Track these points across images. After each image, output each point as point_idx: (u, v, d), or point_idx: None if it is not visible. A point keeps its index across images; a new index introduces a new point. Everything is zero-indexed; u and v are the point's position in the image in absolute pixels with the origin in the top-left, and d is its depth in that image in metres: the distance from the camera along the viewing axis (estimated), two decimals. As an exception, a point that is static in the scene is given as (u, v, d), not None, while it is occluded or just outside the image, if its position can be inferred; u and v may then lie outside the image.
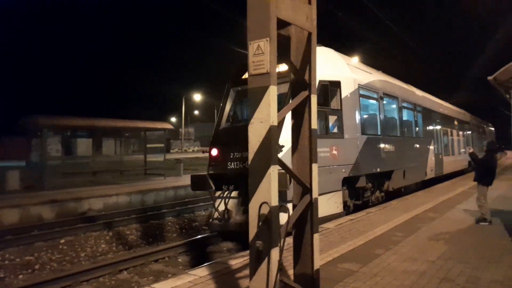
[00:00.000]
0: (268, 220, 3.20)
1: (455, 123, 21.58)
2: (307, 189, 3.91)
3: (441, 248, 6.23)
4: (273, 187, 3.25)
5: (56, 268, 8.12)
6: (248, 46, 3.36)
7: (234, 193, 7.89)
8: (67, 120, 18.06)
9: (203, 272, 5.23)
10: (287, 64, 4.03)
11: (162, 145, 26.36)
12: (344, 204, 9.46)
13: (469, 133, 25.23)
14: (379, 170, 10.99)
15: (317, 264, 3.84)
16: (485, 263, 5.42)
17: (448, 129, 19.74)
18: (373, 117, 11.50)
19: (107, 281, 7.25)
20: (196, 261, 8.32)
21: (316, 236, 3.87)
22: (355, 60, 14.01)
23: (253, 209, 3.28)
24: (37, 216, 11.78)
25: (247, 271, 4.38)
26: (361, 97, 10.36)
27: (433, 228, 7.74)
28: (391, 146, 11.91)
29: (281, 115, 3.54)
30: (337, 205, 9.08)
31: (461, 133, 22.58)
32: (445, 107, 20.47)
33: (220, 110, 9.75)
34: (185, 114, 60.89)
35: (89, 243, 9.75)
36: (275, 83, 3.32)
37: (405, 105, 13.78)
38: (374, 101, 11.51)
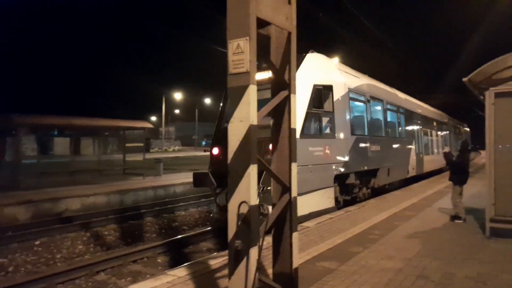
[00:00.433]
0: (247, 219, 3.20)
1: (434, 124, 22.42)
2: (286, 188, 3.92)
3: (418, 246, 6.36)
4: (252, 186, 3.25)
5: (30, 270, 7.91)
6: (228, 45, 3.35)
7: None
8: (42, 119, 17.57)
9: (182, 272, 5.19)
10: (267, 63, 4.04)
11: (142, 144, 25.95)
12: (335, 199, 10.05)
13: (447, 133, 26.19)
14: (366, 168, 11.69)
15: (296, 263, 3.86)
16: (459, 260, 5.56)
17: (428, 129, 20.56)
18: (361, 118, 12.15)
19: (83, 283, 7.12)
20: (176, 262, 8.25)
21: (295, 235, 3.89)
22: (336, 60, 14.42)
23: (232, 209, 3.27)
24: (11, 217, 11.45)
25: (226, 271, 4.37)
26: (350, 100, 11.02)
27: (410, 226, 7.90)
28: (377, 146, 12.58)
29: (261, 115, 3.54)
30: (329, 200, 9.72)
31: (439, 133, 23.49)
32: (424, 108, 21.26)
33: (220, 112, 10.15)
34: (165, 113, 60.31)
35: (66, 244, 9.55)
36: (255, 82, 3.32)
37: (389, 107, 14.49)
38: (362, 104, 12.17)
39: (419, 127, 18.61)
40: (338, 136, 10.12)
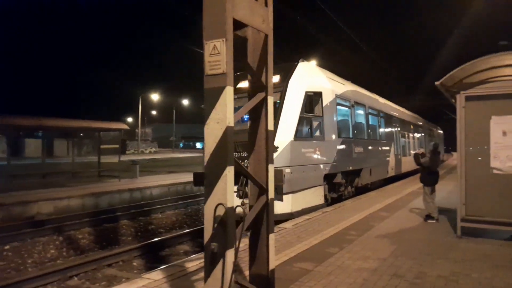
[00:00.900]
0: (224, 221, 3.18)
1: (411, 127, 23.67)
2: (263, 190, 3.92)
3: (392, 246, 6.48)
4: (229, 188, 3.23)
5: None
6: (204, 46, 3.33)
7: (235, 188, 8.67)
8: (11, 120, 16.92)
9: (158, 275, 5.11)
10: (243, 64, 4.04)
11: (117, 146, 25.49)
12: (325, 197, 10.86)
13: (422, 135, 27.49)
14: (351, 168, 12.55)
15: (272, 264, 3.86)
16: (432, 259, 5.70)
17: (405, 132, 21.75)
18: (346, 122, 12.94)
19: (56, 288, 6.92)
20: (152, 265, 8.14)
21: (272, 236, 3.89)
22: (314, 63, 14.91)
23: (208, 211, 3.25)
24: (-21, 221, 11.04)
25: (203, 274, 4.32)
26: (337, 105, 11.84)
27: (384, 227, 8.04)
28: (360, 148, 13.50)
29: (237, 116, 3.53)
30: (320, 197, 10.52)
31: (415, 135, 24.83)
32: (402, 112, 22.44)
33: None
34: (142, 114, 59.50)
35: (37, 249, 9.27)
36: (232, 84, 3.31)
37: (371, 111, 15.42)
38: (347, 108, 12.97)
39: (397, 130, 19.69)
40: (326, 138, 10.88)
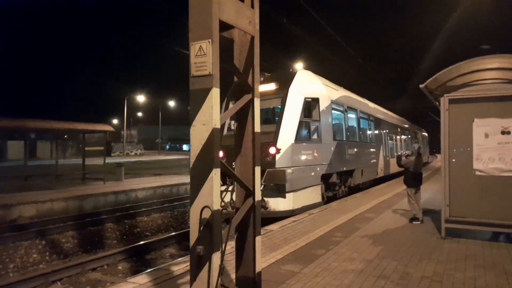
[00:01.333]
0: (210, 224, 3.15)
1: (398, 130, 24.77)
2: (250, 192, 3.91)
3: (378, 247, 6.53)
4: (215, 190, 3.21)
5: (-21, 282, 7.45)
6: (190, 47, 3.31)
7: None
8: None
9: (143, 279, 5.05)
10: (230, 66, 4.03)
11: (102, 148, 25.16)
12: (322, 195, 11.55)
13: (409, 137, 28.53)
14: (345, 168, 13.36)
15: (259, 267, 3.85)
16: (416, 260, 5.76)
17: (393, 135, 22.84)
18: (340, 125, 13.78)
19: (38, 294, 6.77)
20: (137, 268, 8.03)
21: (258, 239, 3.88)
22: (300, 66, 15.44)
23: (194, 214, 3.22)
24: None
25: (189, 277, 4.28)
26: (332, 110, 12.64)
27: (370, 228, 8.10)
28: (353, 150, 14.33)
29: (224, 118, 3.52)
30: (318, 196, 11.27)
31: (402, 138, 25.97)
32: (390, 116, 23.49)
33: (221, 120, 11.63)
34: (127, 116, 58.85)
35: (19, 253, 9.06)
36: (218, 85, 3.29)
37: (362, 115, 16.41)
38: (341, 113, 13.83)
39: (385, 133, 20.75)
40: (323, 141, 11.66)
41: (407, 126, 29.04)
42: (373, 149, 17.66)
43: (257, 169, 3.94)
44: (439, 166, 8.55)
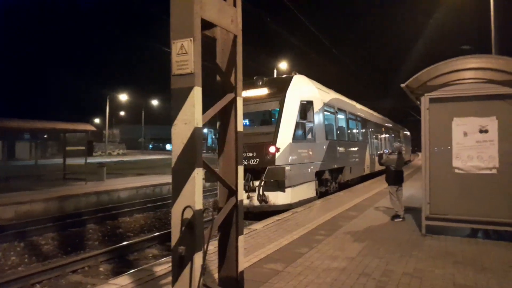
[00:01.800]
0: (192, 224, 3.13)
1: (383, 129, 26.14)
2: (232, 192, 3.89)
3: (360, 245, 6.59)
4: (197, 190, 3.19)
5: (-45, 286, 7.23)
6: (172, 45, 3.27)
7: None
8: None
9: (125, 280, 4.98)
10: (213, 65, 4.01)
11: (84, 148, 24.75)
12: (316, 191, 12.43)
13: (392, 136, 29.76)
14: (336, 166, 14.43)
15: (241, 266, 3.84)
16: (398, 257, 5.84)
17: (378, 134, 24.18)
18: (332, 126, 14.72)
19: (16, 297, 6.61)
20: (120, 270, 7.91)
21: (241, 238, 3.87)
22: (284, 65, 16.15)
23: (175, 214, 3.19)
24: None
25: (171, 277, 4.25)
26: (325, 112, 13.65)
27: (353, 226, 8.18)
28: (342, 148, 15.35)
29: (206, 117, 3.49)
30: (312, 191, 12.18)
31: (386, 136, 27.28)
32: (375, 116, 24.71)
33: None
34: (109, 115, 58.05)
35: (-3, 256, 8.84)
36: (200, 84, 3.27)
37: (350, 116, 17.63)
38: (332, 114, 14.91)
39: (371, 132, 22.07)
40: (317, 140, 12.62)
41: (390, 125, 30.32)
42: (360, 148, 18.78)
43: (240, 168, 3.93)
44: (420, 164, 8.71)
